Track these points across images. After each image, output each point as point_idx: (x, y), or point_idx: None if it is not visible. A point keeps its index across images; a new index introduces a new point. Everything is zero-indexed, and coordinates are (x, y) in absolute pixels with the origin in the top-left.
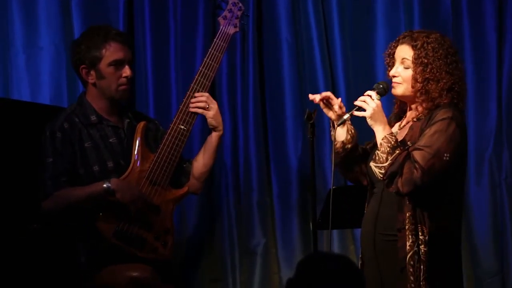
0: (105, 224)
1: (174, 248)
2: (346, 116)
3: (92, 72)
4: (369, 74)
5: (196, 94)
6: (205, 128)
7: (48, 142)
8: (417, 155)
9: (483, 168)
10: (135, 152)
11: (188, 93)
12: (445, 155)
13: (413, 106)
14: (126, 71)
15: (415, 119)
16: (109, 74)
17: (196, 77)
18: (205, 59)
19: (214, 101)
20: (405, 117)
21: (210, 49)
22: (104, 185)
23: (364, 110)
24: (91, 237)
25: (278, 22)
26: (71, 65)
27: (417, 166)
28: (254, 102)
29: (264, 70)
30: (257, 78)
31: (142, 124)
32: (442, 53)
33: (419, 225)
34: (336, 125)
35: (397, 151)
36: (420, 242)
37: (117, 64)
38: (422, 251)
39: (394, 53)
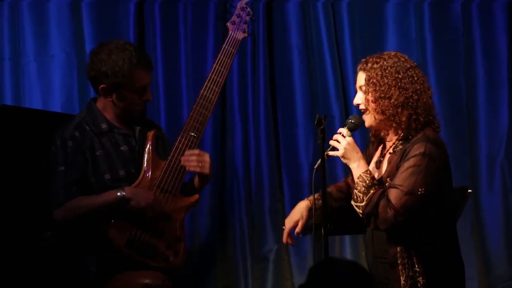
0: (117, 233)
1: (186, 256)
2: (319, 162)
3: (113, 94)
4: None
5: (186, 153)
6: (214, 133)
7: (59, 150)
8: (391, 194)
9: (495, 173)
10: (146, 160)
11: (198, 99)
12: (420, 190)
13: (385, 133)
14: (148, 96)
15: (391, 151)
16: (132, 99)
17: (206, 83)
18: (214, 65)
19: (206, 154)
20: (384, 143)
21: (219, 55)
22: (118, 194)
23: (337, 149)
24: (102, 246)
25: (288, 28)
26: (85, 70)
27: (390, 205)
28: (265, 109)
29: (274, 77)
30: (267, 84)
31: (152, 132)
32: (391, 70)
33: (413, 258)
34: (314, 170)
35: (372, 191)
36: (417, 274)
37: (141, 91)
38: (421, 282)
39: (356, 81)
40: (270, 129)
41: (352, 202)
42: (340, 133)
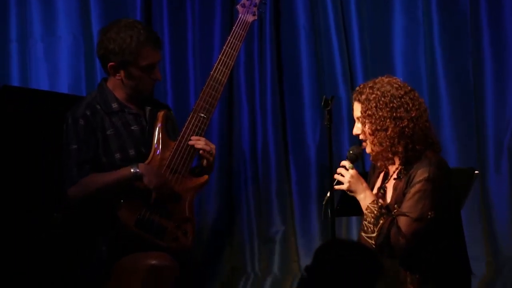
0: (127, 212)
1: (195, 235)
2: (327, 196)
3: (121, 71)
4: (387, 60)
5: (193, 138)
6: (221, 115)
7: (71, 129)
8: (400, 222)
9: (502, 155)
10: (156, 140)
11: (208, 81)
12: (429, 214)
13: (385, 161)
14: (157, 75)
15: (395, 177)
16: (139, 76)
17: (216, 65)
18: (224, 47)
19: (212, 145)
20: (386, 168)
21: (229, 37)
22: (132, 170)
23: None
24: (112, 226)
25: (295, 10)
26: (92, 52)
27: (401, 233)
28: (272, 90)
29: (281, 58)
30: (274, 66)
31: (163, 112)
32: (385, 100)
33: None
34: (323, 212)
35: (381, 221)
36: None
37: (149, 69)
38: None
39: (353, 110)
40: (277, 111)
41: (363, 234)
42: (343, 166)
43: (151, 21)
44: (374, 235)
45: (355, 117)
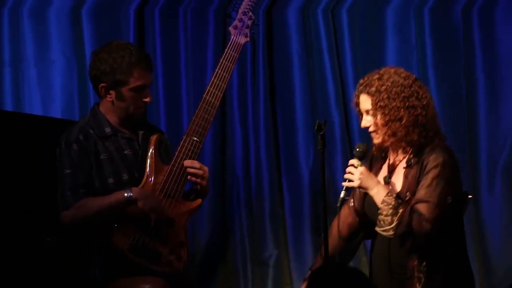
0: (120, 237)
1: (189, 260)
2: (342, 195)
3: (112, 92)
4: None
5: (187, 162)
6: (215, 138)
7: (65, 153)
8: (422, 208)
9: (496, 177)
10: (149, 165)
11: (201, 104)
12: (448, 198)
13: (392, 150)
14: (147, 97)
15: (405, 166)
16: (130, 98)
17: (209, 88)
18: (216, 69)
19: (205, 168)
20: (389, 158)
21: (221, 60)
22: (126, 194)
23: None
24: (105, 250)
25: (288, 34)
26: (85, 76)
27: (425, 219)
28: (265, 114)
29: (274, 81)
30: (267, 90)
31: (156, 136)
32: (396, 90)
33: (430, 269)
34: (337, 209)
35: (400, 210)
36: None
37: (140, 90)
38: None
39: (358, 103)
40: (270, 135)
41: (377, 229)
42: (351, 164)
43: (144, 44)
44: (391, 226)
45: (362, 110)
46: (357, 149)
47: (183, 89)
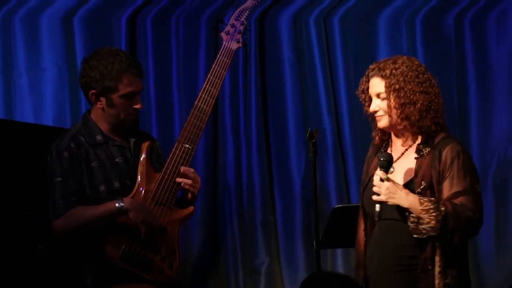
0: (112, 245)
1: (181, 268)
2: (377, 209)
3: (102, 99)
4: None
5: (184, 169)
6: (206, 146)
7: (56, 162)
8: (465, 201)
9: (487, 185)
10: (140, 173)
11: (193, 110)
12: (477, 186)
13: (399, 135)
14: (138, 103)
15: (416, 157)
16: (120, 104)
17: (200, 94)
18: (208, 76)
19: (198, 177)
20: (391, 147)
21: (213, 66)
22: (117, 205)
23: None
24: (97, 258)
25: (280, 42)
26: (76, 84)
27: (472, 210)
28: (256, 122)
29: (266, 89)
30: (259, 97)
31: (147, 143)
32: (412, 74)
33: (444, 259)
34: (377, 220)
35: (443, 208)
36: (449, 276)
37: (130, 97)
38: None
39: (367, 88)
40: (261, 142)
41: (415, 236)
42: (378, 176)
43: (135, 51)
44: (438, 225)
45: (373, 94)
46: (381, 159)
47: (175, 96)
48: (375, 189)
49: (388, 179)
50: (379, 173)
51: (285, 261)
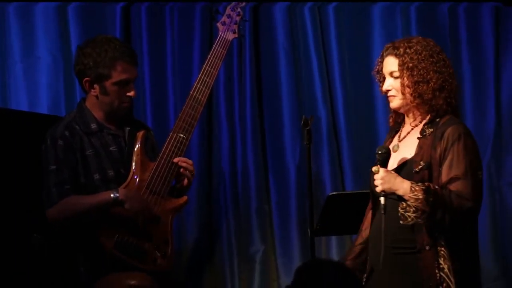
0: (105, 234)
1: (174, 257)
2: (382, 202)
3: (96, 86)
4: (366, 79)
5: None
6: (201, 134)
7: (50, 150)
8: (459, 186)
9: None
10: (135, 162)
11: (188, 100)
12: (479, 173)
13: (410, 114)
14: (131, 91)
15: (419, 137)
16: (114, 92)
17: (196, 84)
18: (204, 66)
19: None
20: (403, 127)
21: (209, 56)
22: (112, 195)
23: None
24: (91, 247)
25: (275, 31)
26: (71, 72)
27: (465, 197)
28: (251, 110)
29: (261, 78)
30: (254, 86)
31: (142, 132)
32: (426, 53)
33: (441, 241)
34: (383, 213)
35: (431, 199)
36: (446, 258)
37: (123, 84)
38: (449, 265)
39: (381, 69)
40: (256, 131)
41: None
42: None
43: (130, 41)
44: (419, 216)
45: (386, 73)
46: (379, 152)
47: (170, 86)
48: (374, 182)
49: (378, 170)
50: (373, 168)
51: (280, 249)
